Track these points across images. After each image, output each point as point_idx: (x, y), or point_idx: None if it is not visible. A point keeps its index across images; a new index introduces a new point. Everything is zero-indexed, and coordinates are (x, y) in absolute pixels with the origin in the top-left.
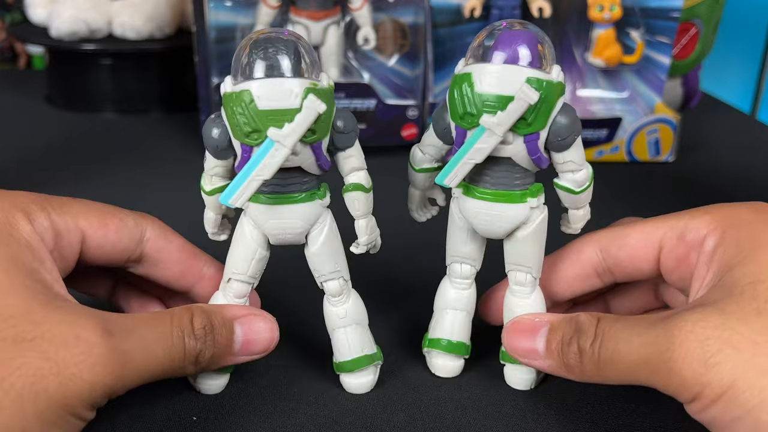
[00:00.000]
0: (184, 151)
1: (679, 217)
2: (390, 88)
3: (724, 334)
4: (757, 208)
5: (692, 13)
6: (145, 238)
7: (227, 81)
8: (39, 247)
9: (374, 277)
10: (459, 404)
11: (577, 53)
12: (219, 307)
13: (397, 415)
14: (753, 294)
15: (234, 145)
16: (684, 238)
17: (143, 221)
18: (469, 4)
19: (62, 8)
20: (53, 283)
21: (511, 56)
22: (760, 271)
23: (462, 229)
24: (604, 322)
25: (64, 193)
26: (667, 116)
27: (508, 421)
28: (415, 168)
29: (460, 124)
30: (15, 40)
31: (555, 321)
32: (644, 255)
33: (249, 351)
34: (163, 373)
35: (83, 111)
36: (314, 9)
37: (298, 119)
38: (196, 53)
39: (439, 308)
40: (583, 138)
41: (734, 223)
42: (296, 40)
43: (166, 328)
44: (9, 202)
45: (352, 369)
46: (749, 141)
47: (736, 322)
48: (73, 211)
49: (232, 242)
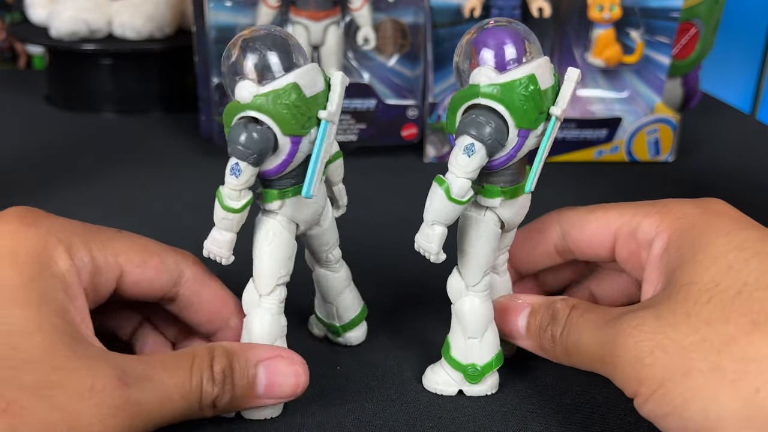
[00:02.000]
0: (184, 152)
1: (635, 212)
2: (390, 88)
3: (656, 338)
4: (706, 207)
5: (692, 13)
6: (183, 279)
7: (250, 85)
8: (73, 284)
9: (374, 277)
10: (458, 404)
11: (577, 53)
12: (243, 348)
13: (397, 415)
14: (686, 296)
15: (280, 143)
16: (636, 235)
17: (183, 262)
18: (469, 4)
19: (62, 8)
20: (80, 323)
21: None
22: (695, 272)
23: (496, 239)
24: (575, 312)
25: (65, 193)
26: (667, 116)
27: (508, 421)
28: (462, 201)
29: (532, 126)
30: (15, 40)
31: (536, 304)
32: (601, 242)
33: (274, 394)
34: (180, 418)
35: (83, 111)
36: (314, 9)
37: (337, 96)
38: (196, 53)
39: (481, 330)
40: (583, 138)
41: (680, 227)
42: (280, 33)
43: (186, 372)
44: (54, 234)
45: (359, 322)
46: (749, 141)
47: (667, 326)
48: (115, 247)
49: (264, 251)
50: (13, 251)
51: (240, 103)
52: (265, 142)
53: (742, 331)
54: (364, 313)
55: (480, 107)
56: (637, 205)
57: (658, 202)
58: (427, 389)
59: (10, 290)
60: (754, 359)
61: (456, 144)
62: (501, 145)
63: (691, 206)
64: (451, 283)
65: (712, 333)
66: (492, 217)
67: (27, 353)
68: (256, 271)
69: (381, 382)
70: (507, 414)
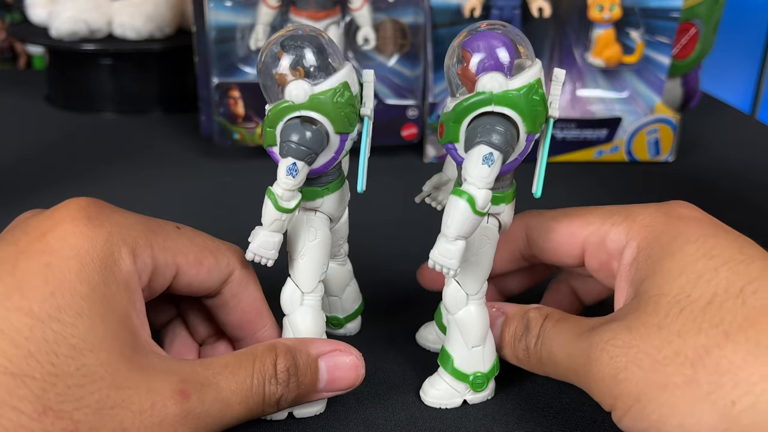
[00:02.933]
0: (184, 152)
1: (602, 221)
2: (390, 88)
3: (630, 352)
4: (672, 212)
5: (692, 13)
6: (230, 278)
7: (304, 84)
8: (135, 288)
9: (375, 277)
10: (459, 407)
11: (577, 53)
12: (304, 343)
13: (397, 415)
14: (656, 308)
15: (330, 141)
16: (605, 245)
17: (234, 262)
18: (469, 4)
19: (62, 8)
20: (140, 330)
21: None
22: (664, 283)
23: (496, 244)
24: (548, 322)
25: (65, 193)
26: (666, 116)
27: (509, 421)
28: (485, 213)
29: (538, 130)
30: (15, 40)
31: (510, 313)
32: (568, 251)
33: (334, 388)
34: (243, 420)
35: (83, 111)
36: (314, 9)
37: (371, 92)
38: (196, 53)
39: (484, 336)
40: (583, 138)
41: (648, 234)
42: (318, 32)
43: (247, 375)
44: (119, 233)
45: (359, 313)
46: (749, 141)
47: (639, 339)
48: (174, 247)
49: (309, 248)
50: (79, 255)
51: (293, 103)
52: (321, 140)
53: (715, 343)
54: (363, 305)
55: (491, 114)
56: (603, 213)
57: (623, 207)
58: (429, 405)
59: (77, 299)
60: (727, 371)
61: (471, 155)
62: (512, 152)
63: (657, 212)
64: (450, 293)
65: (685, 345)
66: (495, 222)
67: (91, 370)
68: (298, 270)
69: (382, 382)
70: (508, 414)
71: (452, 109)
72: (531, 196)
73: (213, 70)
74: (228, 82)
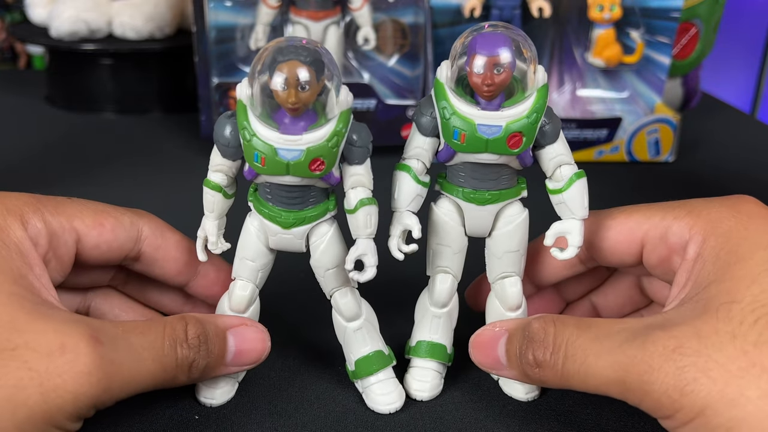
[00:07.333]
0: (184, 151)
1: (663, 215)
2: (390, 88)
3: (699, 361)
4: (738, 208)
5: (692, 13)
6: (143, 236)
7: (346, 88)
8: (29, 252)
9: (374, 279)
10: (460, 405)
11: (577, 53)
12: (212, 317)
13: (398, 415)
14: (728, 315)
15: None
16: (666, 239)
17: (139, 219)
18: (469, 4)
19: (62, 8)
20: (41, 289)
21: None
22: (736, 290)
23: None
24: (563, 331)
25: (65, 193)
26: (667, 116)
27: (510, 422)
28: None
29: None
30: (15, 40)
31: (512, 329)
32: (626, 249)
33: (241, 361)
34: (154, 384)
35: (83, 111)
36: (314, 9)
37: None
38: (196, 53)
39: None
40: (584, 138)
41: (715, 231)
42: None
43: (158, 336)
44: (3, 205)
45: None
46: (749, 141)
47: (711, 348)
48: (67, 212)
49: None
50: None
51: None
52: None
53: None
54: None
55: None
56: (664, 207)
57: (685, 202)
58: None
59: None
60: None
61: (562, 138)
62: None
63: (722, 207)
64: (518, 291)
65: (762, 357)
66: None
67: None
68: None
69: None
70: (509, 415)
71: (525, 116)
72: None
73: (213, 70)
74: (228, 82)
